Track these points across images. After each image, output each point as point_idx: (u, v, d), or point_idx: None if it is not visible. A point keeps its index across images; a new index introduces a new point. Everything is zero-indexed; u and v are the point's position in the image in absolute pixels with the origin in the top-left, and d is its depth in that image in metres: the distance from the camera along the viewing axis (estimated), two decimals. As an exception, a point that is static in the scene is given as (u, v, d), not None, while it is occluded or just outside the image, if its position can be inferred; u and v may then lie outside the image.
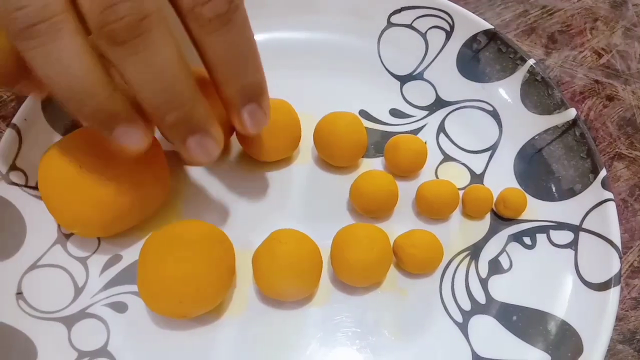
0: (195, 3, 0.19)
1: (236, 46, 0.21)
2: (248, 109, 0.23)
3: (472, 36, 0.33)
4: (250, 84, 0.22)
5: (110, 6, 0.17)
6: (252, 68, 0.22)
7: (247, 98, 0.22)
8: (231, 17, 0.20)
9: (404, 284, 0.27)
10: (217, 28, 0.20)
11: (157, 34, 0.18)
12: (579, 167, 0.29)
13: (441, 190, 0.28)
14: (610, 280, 0.25)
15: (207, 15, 0.19)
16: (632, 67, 0.38)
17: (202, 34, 0.20)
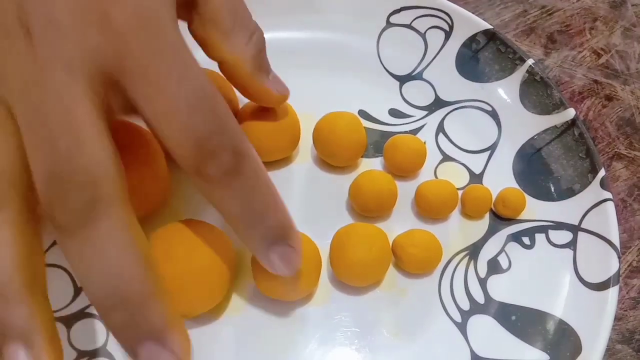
0: (199, 163, 0.18)
1: (250, 197, 0.20)
2: (277, 252, 0.21)
3: (471, 36, 0.34)
4: (272, 227, 0.20)
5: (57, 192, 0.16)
6: (272, 212, 0.20)
7: (271, 242, 0.21)
8: (240, 169, 0.19)
9: (403, 283, 0.27)
10: (227, 184, 0.19)
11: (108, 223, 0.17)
12: (578, 167, 0.29)
13: (440, 190, 0.29)
14: (609, 280, 0.25)
15: (213, 174, 0.18)
16: (631, 67, 0.38)
17: (211, 191, 0.19)
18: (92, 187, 0.16)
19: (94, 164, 0.17)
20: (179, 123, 0.18)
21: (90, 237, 0.16)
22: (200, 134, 0.18)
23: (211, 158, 0.18)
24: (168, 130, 0.18)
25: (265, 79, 0.24)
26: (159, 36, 0.18)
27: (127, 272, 0.17)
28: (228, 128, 0.19)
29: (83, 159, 0.16)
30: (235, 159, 0.19)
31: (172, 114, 0.18)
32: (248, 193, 0.19)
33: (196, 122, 0.18)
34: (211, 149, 0.18)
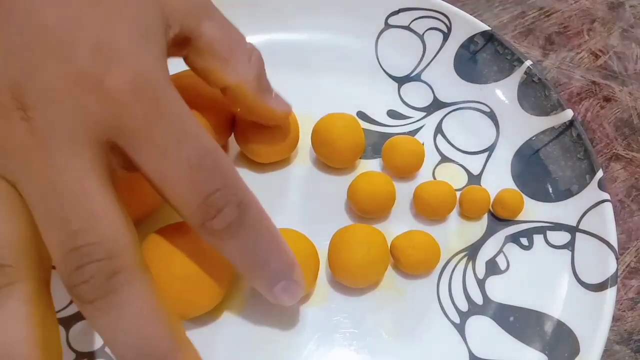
0: (204, 219, 0.19)
1: (254, 246, 0.20)
2: (280, 287, 0.22)
3: (469, 38, 0.34)
4: (276, 270, 0.21)
5: (77, 268, 0.17)
6: (275, 257, 0.21)
7: (276, 281, 0.22)
8: (243, 221, 0.20)
9: (401, 284, 0.28)
10: (231, 236, 0.20)
11: (129, 290, 0.17)
12: (576, 168, 0.29)
13: (438, 191, 0.29)
14: (606, 280, 0.26)
15: (218, 228, 0.19)
16: (629, 68, 0.38)
17: (216, 243, 0.20)
18: (110, 261, 0.17)
19: (109, 239, 0.17)
20: (182, 185, 0.19)
21: (114, 307, 0.17)
22: (204, 193, 0.19)
23: (216, 213, 0.19)
24: (173, 192, 0.19)
25: (269, 99, 0.25)
26: (156, 101, 0.18)
27: (153, 334, 0.18)
28: (230, 183, 0.19)
29: (98, 235, 0.17)
30: (239, 211, 0.19)
31: (175, 176, 0.18)
32: (252, 242, 0.20)
33: (199, 182, 0.19)
34: (215, 205, 0.19)
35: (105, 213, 0.17)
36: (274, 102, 0.25)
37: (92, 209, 0.17)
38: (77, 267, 0.17)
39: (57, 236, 0.17)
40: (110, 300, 0.17)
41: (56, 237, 0.17)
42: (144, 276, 0.18)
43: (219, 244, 0.20)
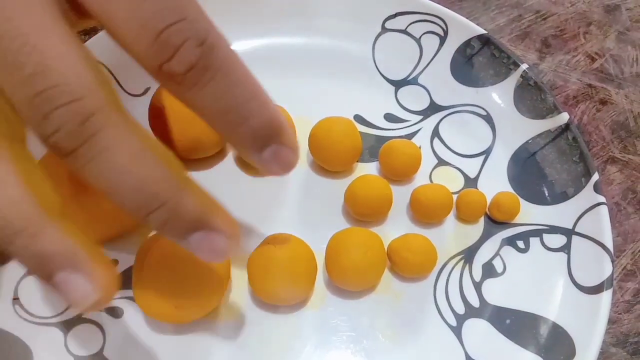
0: (160, 61, 0.16)
1: (226, 92, 0.17)
2: (268, 152, 0.18)
3: (465, 41, 0.34)
4: (260, 125, 0.18)
5: (43, 118, 0.15)
6: (255, 108, 0.17)
7: (261, 142, 0.18)
8: (208, 63, 0.16)
9: (398, 287, 0.28)
10: (196, 81, 0.16)
11: (109, 132, 0.15)
12: (572, 171, 0.30)
13: (435, 195, 0.29)
14: (602, 283, 0.26)
15: (178, 71, 0.16)
16: (625, 71, 0.38)
17: (182, 92, 0.17)
18: (78, 103, 0.15)
19: (71, 79, 0.15)
20: (130, 14, 0.16)
21: (99, 152, 0.15)
22: (157, 25, 0.15)
23: (173, 52, 0.16)
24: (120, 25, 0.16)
25: None
26: None
27: (150, 175, 0.16)
28: (191, 15, 0.16)
29: (57, 76, 0.15)
30: (202, 50, 0.16)
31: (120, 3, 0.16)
32: (223, 90, 0.17)
33: (150, 11, 0.15)
34: (171, 41, 0.16)
35: (60, 51, 0.15)
36: None
37: (44, 48, 0.15)
38: (43, 115, 0.15)
39: (13, 86, 0.15)
40: (92, 145, 0.15)
41: (13, 87, 0.15)
42: (123, 116, 0.16)
43: (183, 96, 0.17)
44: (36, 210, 0.16)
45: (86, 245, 0.16)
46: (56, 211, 0.16)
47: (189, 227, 0.17)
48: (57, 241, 0.16)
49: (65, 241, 0.16)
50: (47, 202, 0.16)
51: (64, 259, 0.16)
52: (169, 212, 0.16)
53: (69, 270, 0.16)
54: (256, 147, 0.18)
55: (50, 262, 0.16)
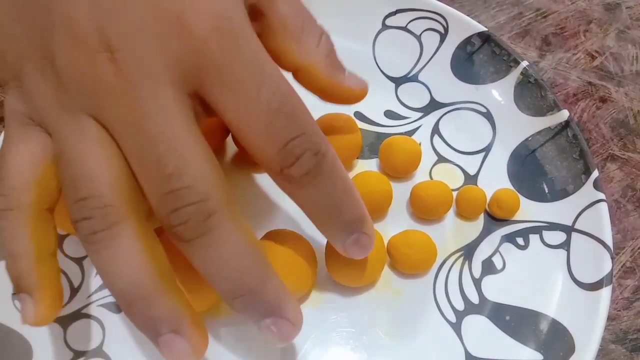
0: (282, 166, 0.19)
1: (330, 193, 0.20)
2: (352, 239, 0.22)
3: (466, 38, 0.34)
4: (349, 220, 0.21)
5: (174, 211, 0.18)
6: (349, 206, 0.21)
7: (349, 233, 0.22)
8: (320, 169, 0.19)
9: (398, 284, 0.28)
10: (308, 183, 0.20)
11: (222, 229, 0.18)
12: (572, 168, 0.30)
13: (435, 191, 0.29)
14: (601, 280, 0.26)
15: (296, 176, 0.19)
16: (625, 69, 0.38)
17: (293, 190, 0.20)
18: (204, 204, 0.18)
19: (201, 182, 0.18)
20: (261, 128, 0.19)
21: (211, 244, 0.18)
22: (283, 139, 0.19)
23: (294, 161, 0.19)
24: (250, 136, 0.19)
25: (342, 77, 0.24)
26: (237, 41, 0.18)
27: (245, 267, 0.19)
28: (308, 130, 0.19)
29: (190, 178, 0.18)
30: (317, 159, 0.19)
31: (254, 119, 0.18)
32: (328, 190, 0.20)
33: (278, 127, 0.19)
34: (294, 152, 0.19)
35: (195, 156, 0.18)
36: (349, 80, 0.24)
37: (182, 153, 0.18)
38: (174, 210, 0.18)
39: (152, 180, 0.18)
40: (207, 239, 0.18)
41: (151, 181, 0.18)
42: (235, 214, 0.19)
43: (294, 192, 0.20)
44: (155, 281, 0.18)
45: (190, 312, 0.19)
46: (170, 281, 0.19)
47: (264, 313, 0.20)
48: (168, 308, 0.19)
49: (174, 308, 0.19)
50: (164, 273, 0.19)
51: (171, 323, 0.19)
52: (252, 300, 0.19)
53: (174, 334, 0.19)
54: (344, 235, 0.22)
55: (160, 325, 0.19)
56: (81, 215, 0.18)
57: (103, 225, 0.18)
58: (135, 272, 0.18)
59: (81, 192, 0.18)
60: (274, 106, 0.18)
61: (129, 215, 0.18)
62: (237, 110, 0.18)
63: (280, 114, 0.19)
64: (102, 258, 0.18)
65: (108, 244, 0.18)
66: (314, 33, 0.23)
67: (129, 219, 0.18)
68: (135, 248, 0.18)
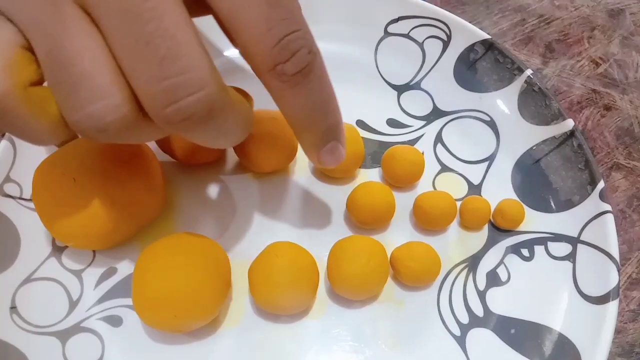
0: (277, 62, 0.18)
1: (317, 94, 0.20)
2: (328, 147, 0.22)
3: (469, 46, 0.33)
4: (332, 123, 0.22)
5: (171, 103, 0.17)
6: (332, 110, 0.21)
7: (327, 140, 0.22)
8: (312, 68, 0.19)
9: (401, 296, 0.27)
10: (299, 81, 0.19)
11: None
12: (577, 178, 0.29)
13: (439, 202, 0.28)
14: (608, 293, 0.25)
15: (289, 72, 0.19)
16: (629, 76, 0.38)
17: (283, 89, 0.20)
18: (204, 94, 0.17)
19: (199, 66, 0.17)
20: (258, 21, 0.18)
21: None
22: (280, 32, 0.18)
23: (290, 56, 0.18)
24: (245, 29, 0.18)
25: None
26: None
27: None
28: (304, 26, 0.19)
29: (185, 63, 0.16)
30: (310, 57, 0.19)
31: (251, 11, 0.18)
32: (315, 92, 0.20)
33: (276, 21, 0.18)
34: (290, 47, 0.18)
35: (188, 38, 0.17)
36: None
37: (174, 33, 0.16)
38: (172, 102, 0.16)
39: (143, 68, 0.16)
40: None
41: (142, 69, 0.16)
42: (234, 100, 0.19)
43: (283, 91, 0.20)
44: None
45: None
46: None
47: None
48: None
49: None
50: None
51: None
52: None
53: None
54: (323, 142, 0.22)
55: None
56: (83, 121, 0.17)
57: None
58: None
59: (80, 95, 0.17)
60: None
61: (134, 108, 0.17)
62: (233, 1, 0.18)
63: (280, 6, 0.18)
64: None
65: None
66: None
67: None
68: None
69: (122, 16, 0.16)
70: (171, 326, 0.24)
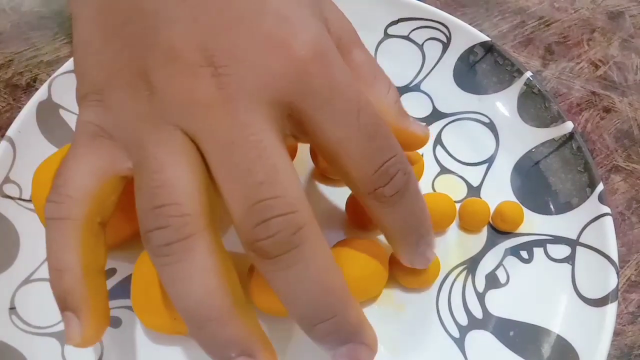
0: (376, 186, 0.20)
1: (411, 210, 0.21)
2: (422, 249, 0.23)
3: (468, 48, 0.33)
4: (424, 232, 0.23)
5: (262, 222, 0.17)
6: (424, 222, 0.22)
7: (419, 246, 0.23)
8: (408, 187, 0.20)
9: (400, 298, 0.27)
10: (396, 201, 0.20)
11: (310, 244, 0.18)
12: (576, 180, 0.29)
13: (438, 204, 0.28)
14: (607, 296, 0.25)
15: (388, 194, 0.20)
16: (629, 78, 0.38)
17: (382, 207, 0.21)
18: (294, 216, 0.17)
19: (291, 193, 0.17)
20: (359, 152, 0.19)
21: (297, 262, 0.17)
22: (380, 160, 0.19)
23: (388, 180, 0.20)
24: (347, 158, 0.19)
25: (408, 123, 0.25)
26: (336, 68, 0.19)
27: (331, 287, 0.18)
28: (399, 150, 0.20)
29: (282, 188, 0.17)
30: (405, 178, 0.20)
31: (352, 143, 0.19)
32: (411, 207, 0.21)
33: (375, 151, 0.19)
34: (389, 172, 0.20)
35: (284, 169, 0.18)
36: (413, 125, 0.25)
37: (274, 162, 0.17)
38: (262, 220, 0.17)
39: (240, 189, 0.17)
40: (294, 255, 0.17)
41: (239, 190, 0.17)
42: (319, 230, 0.18)
43: (382, 210, 0.21)
44: (228, 302, 0.18)
45: (261, 333, 0.19)
46: (242, 300, 0.19)
47: (345, 339, 0.19)
48: (241, 331, 0.18)
49: (247, 331, 0.18)
50: (235, 292, 0.18)
51: (244, 346, 0.18)
52: (336, 325, 0.18)
53: (245, 357, 0.18)
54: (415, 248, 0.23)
55: (232, 348, 0.18)
56: (156, 224, 0.17)
57: (179, 235, 0.17)
58: (210, 290, 0.17)
59: (158, 200, 0.17)
60: (372, 129, 0.19)
61: (206, 227, 0.18)
62: (336, 133, 0.19)
63: (377, 137, 0.19)
64: (174, 273, 0.17)
65: (182, 257, 0.17)
66: (384, 82, 0.24)
67: (205, 231, 0.18)
68: (210, 264, 0.17)
69: (227, 146, 0.17)
70: (170, 328, 0.24)
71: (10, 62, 0.35)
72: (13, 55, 0.36)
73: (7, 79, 0.35)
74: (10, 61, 0.35)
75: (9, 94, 0.34)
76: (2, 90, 0.34)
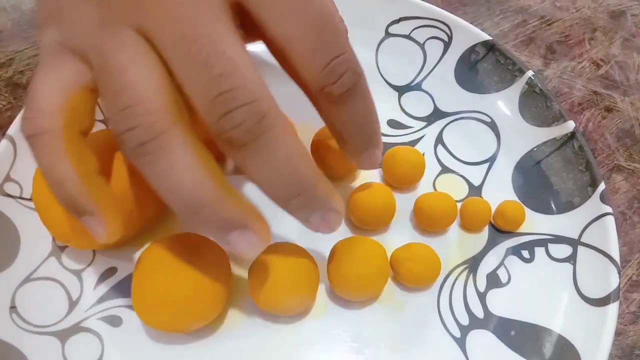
0: (325, 83, 0.20)
1: (360, 111, 0.22)
2: (368, 153, 0.24)
3: (470, 47, 0.33)
4: (372, 134, 0.23)
5: (225, 114, 0.17)
6: (374, 123, 0.23)
7: (367, 147, 0.24)
8: (357, 88, 0.21)
9: (401, 297, 0.27)
10: (345, 100, 0.21)
11: (275, 130, 0.18)
12: (578, 180, 0.29)
13: (439, 203, 0.28)
14: (609, 296, 0.25)
15: (336, 93, 0.20)
16: (630, 78, 0.38)
17: (330, 107, 0.21)
18: (257, 104, 0.17)
19: (251, 82, 0.17)
20: (307, 46, 0.19)
21: (265, 148, 0.18)
22: (327, 56, 0.19)
23: (337, 79, 0.20)
24: (296, 53, 0.19)
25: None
26: None
27: (301, 166, 0.19)
28: (349, 48, 0.20)
29: (241, 78, 0.17)
30: (355, 78, 0.20)
31: (300, 37, 0.19)
32: (360, 108, 0.22)
33: (324, 45, 0.19)
34: (337, 70, 0.19)
35: (241, 57, 0.18)
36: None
37: (230, 54, 0.17)
38: (225, 112, 0.17)
39: (200, 84, 0.17)
40: (262, 141, 0.18)
41: (199, 85, 0.17)
42: (283, 116, 0.19)
43: (330, 110, 0.21)
44: (216, 186, 0.18)
45: (252, 207, 0.20)
46: (226, 183, 0.19)
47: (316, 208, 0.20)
48: (235, 208, 0.19)
49: (240, 207, 0.19)
50: (219, 177, 0.19)
51: (240, 221, 0.19)
52: (307, 198, 0.20)
53: (242, 230, 0.19)
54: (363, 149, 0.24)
55: (230, 224, 0.19)
56: (126, 126, 0.17)
57: (151, 134, 0.17)
58: (197, 179, 0.18)
59: (123, 101, 0.17)
60: (321, 21, 0.19)
61: (176, 122, 0.18)
62: (284, 27, 0.19)
63: (326, 31, 0.19)
64: (158, 169, 0.18)
65: (160, 154, 0.18)
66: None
67: (176, 126, 0.18)
68: (189, 155, 0.18)
69: (180, 42, 0.17)
70: (171, 326, 0.24)
71: (11, 60, 0.35)
72: (14, 53, 0.36)
73: (7, 77, 0.35)
74: (11, 60, 0.35)
75: (10, 93, 0.34)
76: (3, 89, 0.34)
